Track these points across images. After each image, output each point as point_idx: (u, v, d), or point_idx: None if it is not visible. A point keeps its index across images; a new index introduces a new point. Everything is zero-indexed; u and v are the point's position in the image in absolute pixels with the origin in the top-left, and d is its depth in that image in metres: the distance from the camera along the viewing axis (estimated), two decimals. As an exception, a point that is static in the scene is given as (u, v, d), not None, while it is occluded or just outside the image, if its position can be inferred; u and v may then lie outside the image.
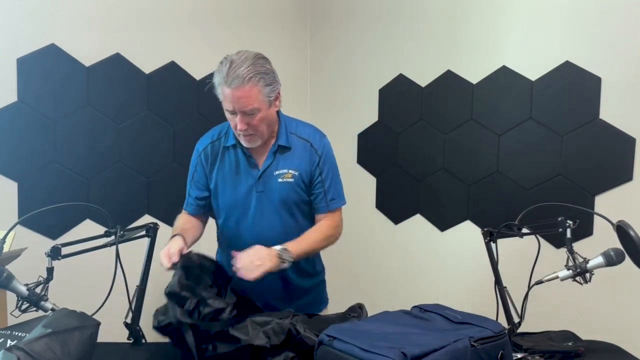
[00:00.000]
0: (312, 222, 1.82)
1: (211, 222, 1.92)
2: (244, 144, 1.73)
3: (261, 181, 1.75)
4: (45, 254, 1.49)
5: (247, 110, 1.61)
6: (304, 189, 1.78)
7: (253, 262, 1.54)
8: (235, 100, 1.60)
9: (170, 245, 1.59)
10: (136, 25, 2.47)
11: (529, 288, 1.56)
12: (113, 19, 2.39)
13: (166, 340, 1.50)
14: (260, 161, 1.76)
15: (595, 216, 2.10)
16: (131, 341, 1.61)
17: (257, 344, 1.40)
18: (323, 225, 1.78)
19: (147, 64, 2.51)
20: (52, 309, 1.46)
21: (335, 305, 2.44)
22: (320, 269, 1.95)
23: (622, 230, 1.40)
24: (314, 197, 1.79)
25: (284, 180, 1.75)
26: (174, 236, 1.68)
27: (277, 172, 1.76)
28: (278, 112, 1.75)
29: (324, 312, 1.89)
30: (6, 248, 1.53)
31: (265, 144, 1.74)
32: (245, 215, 1.77)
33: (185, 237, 1.68)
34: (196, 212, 1.86)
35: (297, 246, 1.65)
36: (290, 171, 1.76)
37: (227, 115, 1.69)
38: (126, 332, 1.60)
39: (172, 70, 2.59)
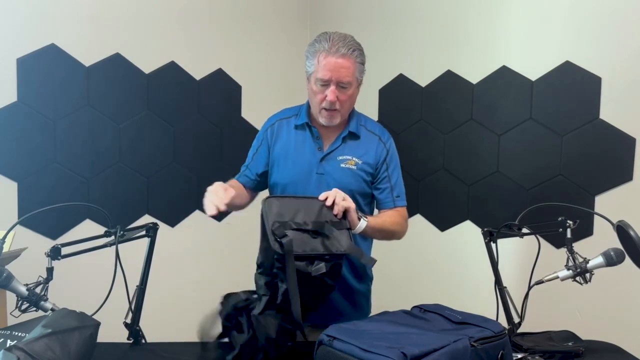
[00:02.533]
0: None
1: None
2: (324, 121, 1.71)
3: (323, 163, 1.74)
4: (45, 254, 1.49)
5: (344, 82, 1.65)
6: (365, 180, 1.76)
7: (340, 195, 1.49)
8: (336, 69, 1.63)
9: (216, 189, 1.55)
10: (136, 25, 2.47)
11: (529, 288, 1.56)
12: (113, 19, 2.39)
13: (166, 340, 1.50)
14: (326, 144, 1.76)
15: (595, 216, 2.10)
16: (131, 341, 1.61)
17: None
18: (393, 214, 1.76)
19: (147, 64, 2.51)
20: (52, 309, 1.46)
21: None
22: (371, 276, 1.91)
23: (622, 230, 1.40)
24: (379, 192, 1.78)
25: (346, 166, 1.75)
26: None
27: (340, 157, 1.75)
28: None
29: None
30: (6, 248, 1.53)
31: (336, 128, 1.75)
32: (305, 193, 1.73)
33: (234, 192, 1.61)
34: (247, 184, 1.83)
35: (371, 217, 1.63)
36: (354, 158, 1.76)
37: (316, 88, 1.68)
38: (126, 332, 1.60)
39: (172, 70, 2.59)
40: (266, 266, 1.42)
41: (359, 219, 1.54)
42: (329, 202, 1.46)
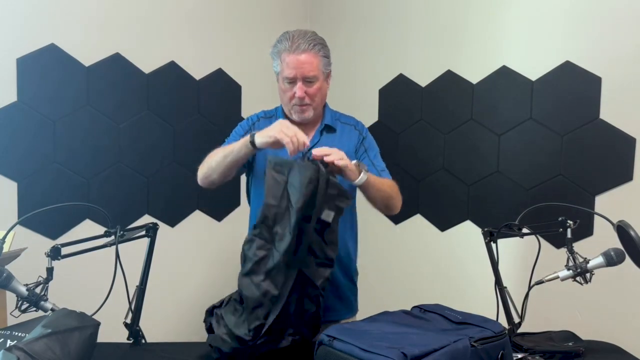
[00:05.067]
0: (353, 212, 1.85)
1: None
2: (297, 117, 1.74)
3: (306, 159, 1.75)
4: (45, 254, 1.49)
5: (309, 77, 1.68)
6: None
7: (338, 153, 1.51)
8: (299, 66, 1.66)
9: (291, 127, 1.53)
10: (136, 25, 2.46)
11: (529, 288, 1.56)
12: (113, 19, 2.39)
13: (166, 340, 1.50)
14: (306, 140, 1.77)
15: (595, 216, 2.10)
16: (131, 341, 1.61)
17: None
18: (387, 180, 1.77)
19: (147, 64, 2.51)
20: (52, 309, 1.46)
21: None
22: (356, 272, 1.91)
23: (622, 230, 1.40)
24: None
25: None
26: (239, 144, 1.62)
27: None
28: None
29: (352, 319, 1.85)
30: (6, 248, 1.53)
31: (312, 124, 1.78)
32: None
33: None
34: None
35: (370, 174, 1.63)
36: None
37: (284, 87, 1.71)
38: (126, 332, 1.60)
39: (172, 70, 2.59)
40: (268, 223, 1.43)
41: (360, 173, 1.56)
42: (328, 159, 1.47)
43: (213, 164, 1.70)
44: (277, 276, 1.41)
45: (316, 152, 1.47)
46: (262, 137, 1.55)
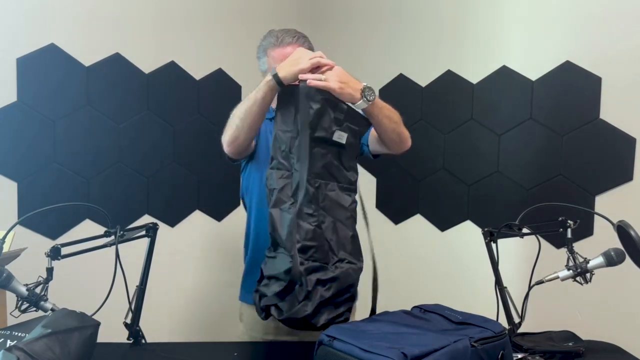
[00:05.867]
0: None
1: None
2: None
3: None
4: (45, 254, 1.49)
5: None
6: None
7: (342, 78, 1.51)
8: (286, 58, 1.63)
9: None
10: (136, 25, 2.46)
11: (529, 288, 1.56)
12: (113, 19, 2.39)
13: (166, 340, 1.50)
14: None
15: (595, 216, 2.10)
16: (131, 341, 1.61)
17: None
18: None
19: (147, 64, 2.51)
20: (52, 309, 1.46)
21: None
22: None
23: (622, 230, 1.40)
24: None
25: None
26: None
27: None
28: None
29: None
30: (6, 248, 1.52)
31: None
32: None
33: None
34: None
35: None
36: None
37: None
38: (126, 332, 1.60)
39: (172, 70, 2.59)
40: (284, 149, 1.47)
41: (365, 98, 1.55)
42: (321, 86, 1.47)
43: (238, 122, 1.62)
44: (300, 192, 1.44)
45: (312, 83, 1.47)
46: (286, 71, 1.50)
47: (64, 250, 1.51)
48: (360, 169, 3.11)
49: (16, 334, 1.39)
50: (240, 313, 1.90)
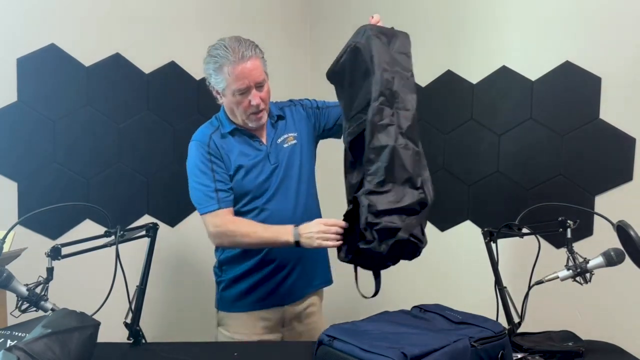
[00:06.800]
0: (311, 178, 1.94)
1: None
2: (255, 124, 1.78)
3: (272, 155, 1.81)
4: (45, 254, 1.49)
5: (260, 81, 1.71)
6: (312, 141, 1.90)
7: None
8: (249, 74, 1.68)
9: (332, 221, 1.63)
10: (136, 25, 2.46)
11: (529, 288, 1.56)
12: (113, 19, 2.39)
13: (166, 340, 1.50)
14: (263, 138, 1.84)
15: (595, 216, 2.09)
16: (131, 341, 1.61)
17: None
18: None
19: (147, 64, 2.51)
20: (52, 309, 1.46)
21: (336, 305, 2.44)
22: None
23: (622, 230, 1.40)
24: (327, 110, 1.92)
25: (289, 144, 1.85)
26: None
27: (279, 141, 1.84)
28: None
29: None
30: (6, 248, 1.53)
31: None
32: (268, 192, 1.80)
33: None
34: (231, 204, 1.83)
35: None
36: (289, 134, 1.86)
37: (235, 98, 1.72)
38: (126, 332, 1.61)
39: (172, 70, 2.59)
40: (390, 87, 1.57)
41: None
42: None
43: (242, 243, 1.75)
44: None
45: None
46: (309, 240, 1.61)
47: (64, 250, 1.51)
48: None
49: (16, 334, 1.39)
50: (222, 320, 1.93)
